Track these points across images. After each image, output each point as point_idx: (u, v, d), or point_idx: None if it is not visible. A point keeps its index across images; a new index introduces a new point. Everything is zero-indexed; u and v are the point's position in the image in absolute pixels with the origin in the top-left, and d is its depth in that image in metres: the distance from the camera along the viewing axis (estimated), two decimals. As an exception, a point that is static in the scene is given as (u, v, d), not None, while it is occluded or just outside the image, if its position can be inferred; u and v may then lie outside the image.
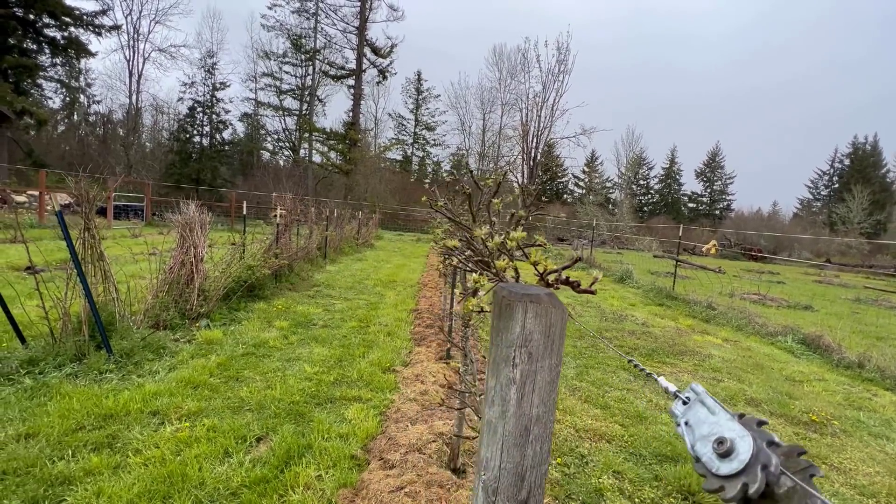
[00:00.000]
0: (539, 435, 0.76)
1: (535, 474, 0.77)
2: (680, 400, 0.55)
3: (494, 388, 0.78)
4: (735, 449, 0.39)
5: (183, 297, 5.18)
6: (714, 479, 0.40)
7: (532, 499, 0.77)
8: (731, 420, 0.45)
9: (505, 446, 0.76)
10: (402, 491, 2.14)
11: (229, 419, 2.99)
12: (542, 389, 0.76)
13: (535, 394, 0.75)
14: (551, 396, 0.77)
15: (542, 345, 0.75)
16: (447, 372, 3.96)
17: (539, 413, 0.76)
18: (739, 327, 7.75)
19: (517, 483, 0.76)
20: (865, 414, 4.32)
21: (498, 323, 0.78)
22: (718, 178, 71.36)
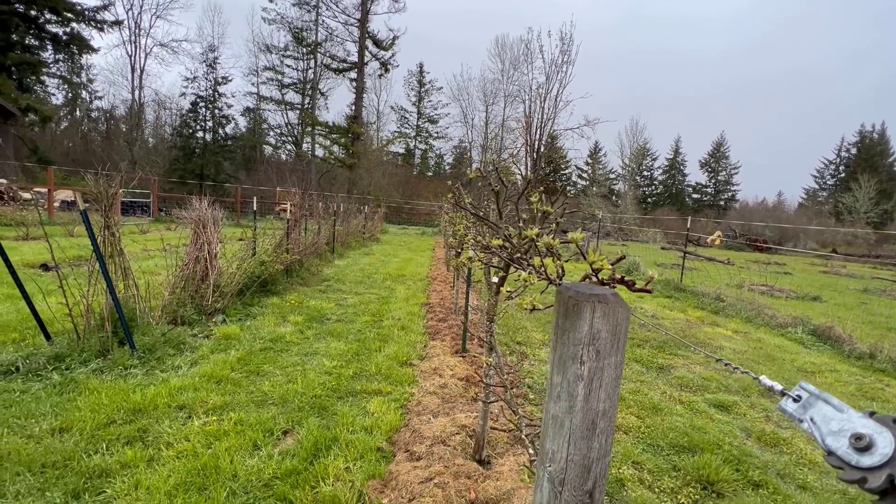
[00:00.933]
0: (605, 428, 0.80)
1: (600, 466, 0.81)
2: (789, 398, 0.58)
3: (561, 385, 0.81)
4: (875, 444, 0.42)
5: (199, 293, 5.24)
6: (854, 471, 0.43)
7: (597, 489, 0.81)
8: (863, 417, 0.48)
9: (572, 439, 0.80)
10: (430, 482, 2.19)
11: (255, 413, 3.05)
12: (608, 385, 0.79)
13: (601, 389, 0.79)
14: (616, 392, 0.80)
15: (608, 343, 0.78)
16: (464, 365, 4.01)
17: (605, 408, 0.79)
18: (749, 319, 7.77)
19: (583, 475, 0.80)
20: (879, 404, 4.35)
21: (564, 322, 0.81)
22: (723, 168, 70.86)
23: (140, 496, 2.13)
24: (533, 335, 5.77)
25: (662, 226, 49.71)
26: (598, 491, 0.81)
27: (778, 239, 52.32)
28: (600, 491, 0.81)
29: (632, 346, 5.62)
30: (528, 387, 4.01)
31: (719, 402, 4.10)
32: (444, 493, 2.11)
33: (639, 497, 2.58)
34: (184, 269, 5.35)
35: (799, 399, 0.57)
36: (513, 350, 5.05)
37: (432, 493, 2.10)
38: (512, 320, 6.37)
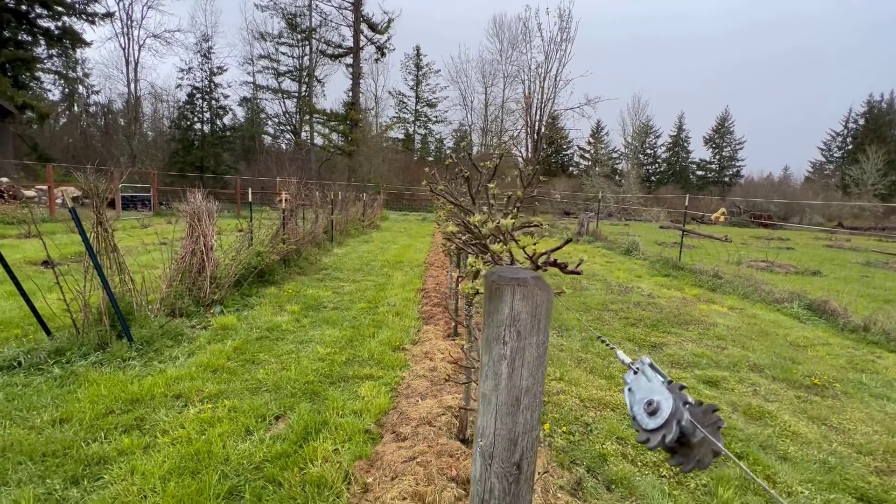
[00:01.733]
0: (529, 404, 0.84)
1: (527, 439, 0.85)
2: (632, 370, 0.62)
3: (488, 364, 0.86)
4: (660, 408, 0.46)
5: (196, 285, 5.32)
6: (643, 433, 0.48)
7: (524, 461, 0.86)
8: (661, 385, 0.52)
9: (498, 415, 0.85)
10: (413, 461, 2.27)
11: (248, 400, 3.14)
12: (531, 364, 0.83)
13: (524, 368, 0.83)
14: (539, 370, 0.84)
15: (528, 324, 0.82)
16: (455, 349, 4.08)
17: (528, 385, 0.84)
18: (746, 295, 7.79)
19: (510, 447, 0.85)
20: (868, 376, 4.39)
21: (489, 305, 0.85)
22: (728, 144, 69.86)
23: (136, 481, 2.23)
24: (527, 317, 5.83)
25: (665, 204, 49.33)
26: (526, 462, 0.86)
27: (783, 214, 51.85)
28: (528, 462, 0.86)
29: (625, 326, 5.68)
30: (519, 368, 4.08)
31: (708, 377, 4.16)
32: (425, 472, 2.19)
33: (620, 471, 2.66)
34: (180, 262, 5.43)
35: (637, 371, 0.61)
36: (506, 332, 5.12)
37: (414, 472, 2.18)
38: (507, 303, 6.43)
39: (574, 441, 2.95)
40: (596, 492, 2.48)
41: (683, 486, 2.61)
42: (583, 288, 7.91)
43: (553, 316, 5.89)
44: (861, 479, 2.72)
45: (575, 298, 7.00)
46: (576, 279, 8.72)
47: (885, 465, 2.91)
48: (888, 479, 2.76)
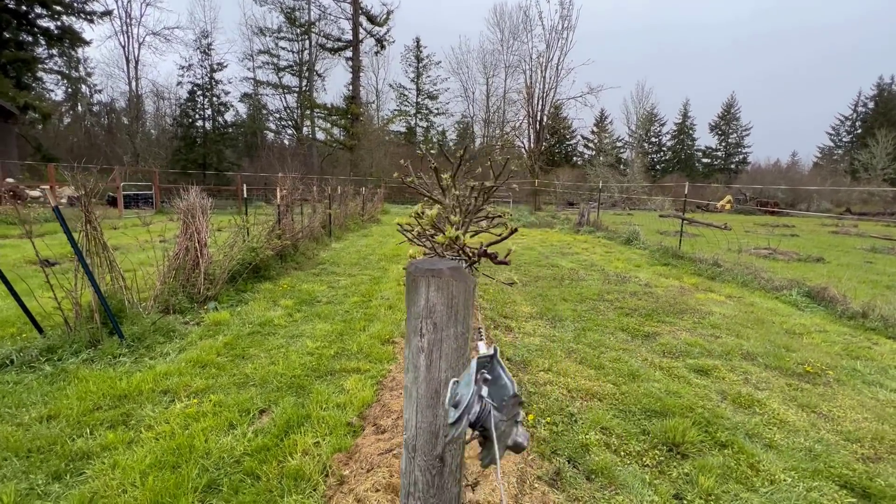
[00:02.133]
0: (449, 396, 0.83)
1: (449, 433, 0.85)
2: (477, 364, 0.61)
3: (408, 357, 0.85)
4: (461, 401, 0.45)
5: (189, 282, 5.36)
6: (447, 426, 0.47)
7: (448, 454, 0.85)
8: (470, 379, 0.51)
9: (419, 408, 0.84)
10: (390, 453, 2.28)
11: (234, 394, 3.17)
12: (449, 356, 0.82)
13: (442, 360, 0.82)
14: (459, 362, 0.83)
15: (445, 315, 0.80)
16: (443, 341, 4.08)
17: (447, 377, 0.83)
18: (745, 283, 7.71)
19: (432, 440, 0.84)
20: (862, 363, 4.34)
21: (408, 297, 0.84)
22: (734, 130, 68.96)
23: (116, 476, 2.26)
24: (521, 308, 5.82)
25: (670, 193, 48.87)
26: (450, 455, 0.86)
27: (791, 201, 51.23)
28: (452, 455, 0.86)
29: (620, 316, 5.65)
30: (508, 359, 4.08)
31: (700, 366, 4.14)
32: (400, 463, 2.19)
33: (602, 460, 2.66)
34: (174, 259, 5.46)
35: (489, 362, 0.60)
36: (498, 324, 5.11)
37: (389, 464, 2.19)
38: (501, 295, 6.43)
39: (557, 432, 2.95)
40: (575, 481, 2.48)
41: (665, 476, 2.61)
42: (580, 278, 7.88)
43: (548, 307, 5.89)
44: (846, 467, 2.70)
45: (571, 289, 6.97)
46: (574, 269, 8.68)
47: (872, 453, 2.89)
48: (874, 467, 2.74)
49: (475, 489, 2.00)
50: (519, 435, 0.45)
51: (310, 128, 40.51)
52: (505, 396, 0.50)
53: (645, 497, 2.40)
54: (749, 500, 2.40)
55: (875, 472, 2.67)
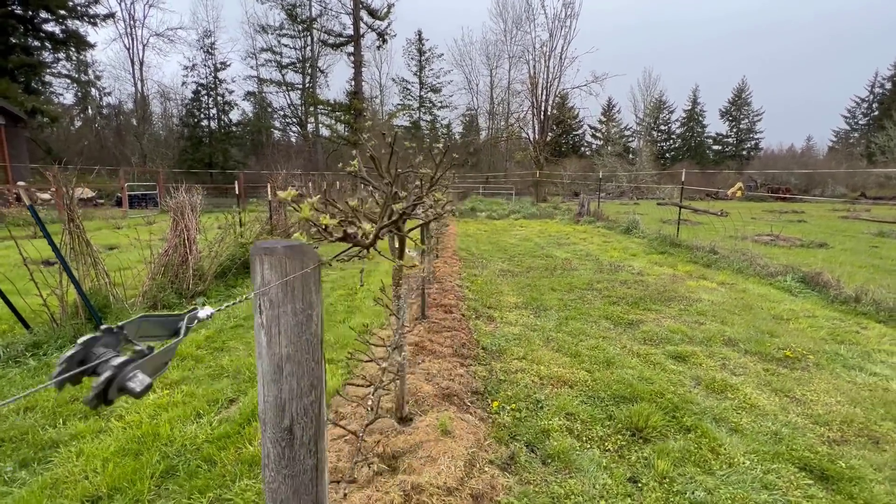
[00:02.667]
0: (293, 371, 0.86)
1: (297, 406, 0.88)
2: None
3: (255, 335, 0.88)
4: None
5: (178, 278, 5.46)
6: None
7: (297, 426, 0.88)
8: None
9: (265, 382, 0.87)
10: (342, 439, 2.33)
11: (206, 385, 3.24)
12: (290, 332, 0.85)
13: (281, 336, 0.84)
14: (301, 338, 0.86)
15: (280, 292, 0.83)
16: (420, 331, 4.12)
17: (289, 352, 0.85)
18: (740, 270, 7.61)
19: (279, 414, 0.87)
20: (846, 347, 4.28)
21: (252, 276, 0.86)
22: (745, 116, 67.62)
23: (79, 463, 2.34)
24: (507, 298, 5.82)
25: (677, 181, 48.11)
26: (299, 428, 0.88)
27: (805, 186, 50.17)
28: (302, 428, 0.89)
29: (606, 304, 5.62)
30: (483, 348, 4.10)
31: (678, 353, 4.12)
32: (349, 448, 2.24)
33: (561, 445, 2.67)
34: (163, 256, 5.57)
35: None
36: (480, 314, 5.13)
37: (338, 448, 2.23)
38: (489, 286, 6.43)
39: (520, 418, 2.97)
40: (530, 465, 2.50)
41: (624, 460, 2.61)
42: (572, 268, 7.84)
43: (534, 297, 5.88)
44: (809, 450, 2.68)
45: (561, 279, 6.95)
46: (567, 260, 8.65)
47: (839, 435, 2.86)
48: (838, 449, 2.72)
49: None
50: (132, 382, 0.50)
51: (314, 124, 40.66)
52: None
53: (599, 480, 2.41)
54: (704, 482, 2.41)
55: (838, 455, 2.65)
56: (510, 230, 13.52)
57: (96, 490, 2.15)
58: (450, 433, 2.46)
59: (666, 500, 2.28)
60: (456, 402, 2.88)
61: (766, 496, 2.31)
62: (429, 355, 3.57)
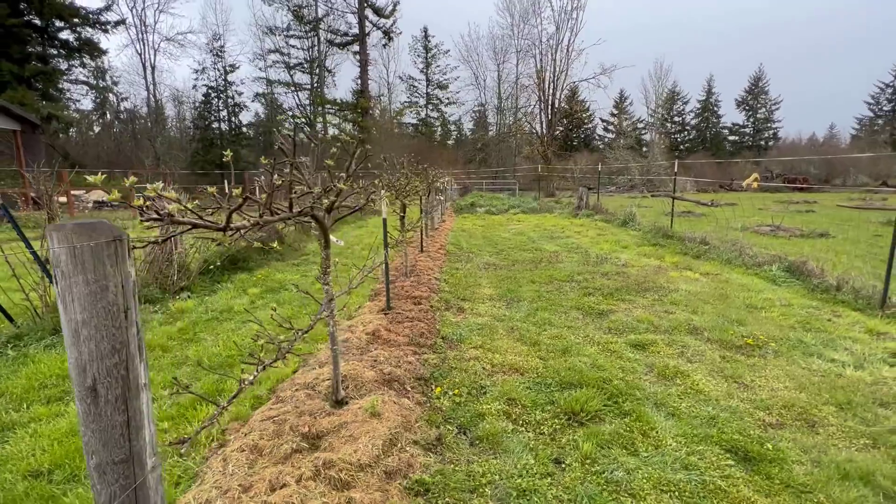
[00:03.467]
0: (90, 335, 0.96)
1: (98, 367, 0.98)
2: None
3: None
4: None
5: (162, 273, 5.67)
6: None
7: (100, 386, 0.98)
8: None
9: (66, 345, 0.97)
10: (271, 420, 2.45)
11: (167, 372, 3.40)
12: (83, 300, 0.95)
13: (75, 303, 0.95)
14: (97, 305, 0.96)
15: (71, 264, 0.93)
16: (380, 322, 4.22)
17: (85, 318, 0.95)
18: (729, 260, 7.52)
19: (82, 374, 0.97)
20: (812, 335, 4.23)
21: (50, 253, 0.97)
22: (762, 105, 65.97)
23: (30, 442, 2.51)
24: (483, 291, 5.88)
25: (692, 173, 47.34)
26: (102, 388, 0.99)
27: (825, 176, 48.71)
28: (105, 388, 0.99)
29: (581, 296, 5.64)
30: (443, 338, 4.18)
31: (639, 341, 4.13)
32: (276, 428, 2.36)
33: (493, 428, 2.74)
34: (148, 253, 5.79)
35: None
36: (451, 306, 5.21)
37: (264, 428, 2.35)
38: (468, 278, 6.50)
39: (460, 402, 3.05)
40: (457, 447, 2.58)
41: (555, 442, 2.67)
42: (558, 261, 7.85)
43: (511, 289, 5.94)
44: (740, 433, 2.70)
45: (544, 271, 6.97)
46: (556, 253, 8.65)
47: (777, 420, 2.87)
48: (772, 432, 2.73)
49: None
50: None
51: (322, 124, 41.09)
52: None
53: (522, 460, 2.47)
54: (626, 463, 2.45)
55: (769, 438, 2.66)
56: (506, 225, 13.53)
57: (39, 466, 2.30)
58: (378, 415, 2.56)
59: (583, 479, 2.34)
60: (396, 388, 2.98)
61: (682, 475, 2.35)
62: (383, 344, 3.67)
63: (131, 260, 1.05)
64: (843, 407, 2.98)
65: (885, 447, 2.56)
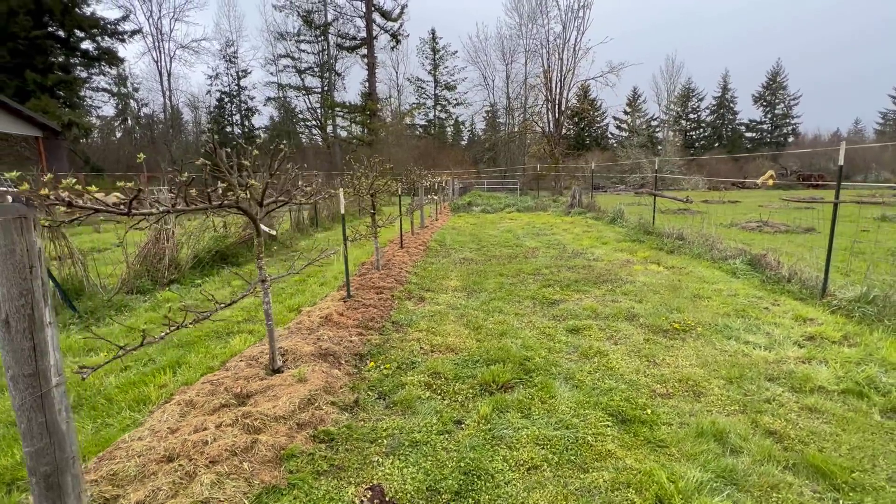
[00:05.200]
0: (2, 282, 1.38)
1: (9, 306, 1.39)
2: None
3: (-18, 261, 1.40)
4: None
5: (154, 267, 6.20)
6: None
7: (11, 319, 1.40)
8: None
9: (-14, 291, 1.39)
10: (209, 383, 2.87)
11: (142, 350, 3.86)
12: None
13: (-10, 261, 1.37)
14: (6, 262, 1.37)
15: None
16: (336, 308, 4.63)
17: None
18: (699, 255, 7.73)
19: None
20: (742, 321, 4.49)
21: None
22: (780, 100, 64.63)
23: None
24: (449, 283, 6.24)
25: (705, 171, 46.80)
26: (13, 320, 1.40)
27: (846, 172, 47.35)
28: (16, 321, 1.41)
29: (540, 287, 5.95)
30: (393, 322, 4.57)
31: (576, 326, 4.45)
32: (212, 388, 2.78)
33: (410, 395, 3.11)
34: (143, 248, 6.33)
35: None
36: (413, 296, 5.58)
37: (201, 389, 2.78)
38: (437, 272, 6.87)
39: (388, 374, 3.43)
40: (372, 408, 2.96)
41: (463, 407, 3.03)
42: (533, 256, 8.16)
43: (476, 282, 6.29)
44: (628, 401, 3.01)
45: (515, 265, 7.30)
46: (534, 249, 8.95)
47: (668, 391, 3.18)
48: (658, 401, 3.04)
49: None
50: None
51: (332, 127, 41.92)
52: None
53: (426, 420, 2.84)
54: (515, 423, 2.80)
55: (652, 405, 2.97)
56: (498, 223, 13.85)
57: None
58: (304, 380, 2.96)
59: (474, 435, 2.70)
60: (330, 361, 3.38)
61: (559, 433, 2.69)
62: (332, 326, 4.08)
63: (37, 231, 1.47)
64: (733, 381, 3.27)
65: (750, 412, 2.85)
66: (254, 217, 2.93)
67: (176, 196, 2.22)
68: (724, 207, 17.39)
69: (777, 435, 2.62)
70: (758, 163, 51.73)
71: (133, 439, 2.30)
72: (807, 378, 3.26)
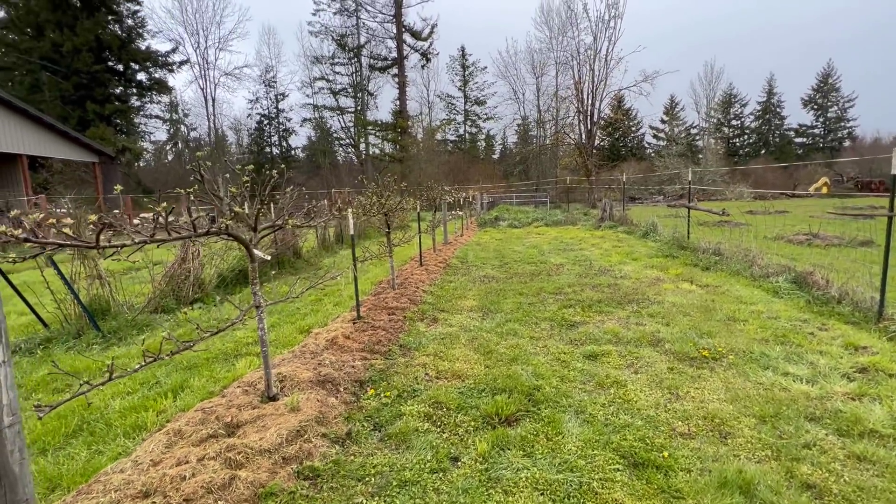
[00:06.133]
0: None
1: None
2: None
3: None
4: None
5: (179, 287, 6.39)
6: None
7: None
8: None
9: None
10: (201, 410, 2.83)
11: (152, 370, 3.93)
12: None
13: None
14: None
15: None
16: (346, 330, 4.55)
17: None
18: (737, 271, 7.19)
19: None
20: (781, 348, 4.06)
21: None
22: (833, 103, 61.04)
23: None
24: (465, 303, 6.07)
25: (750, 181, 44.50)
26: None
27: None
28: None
29: (560, 307, 5.68)
30: (401, 345, 4.44)
31: (594, 352, 4.17)
32: (203, 417, 2.74)
33: (407, 427, 2.95)
34: (169, 269, 6.55)
35: None
36: (426, 317, 5.45)
37: (192, 417, 2.74)
38: (455, 291, 6.71)
39: (387, 404, 3.29)
40: (366, 441, 2.83)
41: (462, 442, 2.84)
42: (557, 273, 7.86)
43: (493, 301, 6.10)
44: (642, 441, 2.73)
45: (537, 284, 7.04)
46: (559, 265, 8.64)
47: (687, 430, 2.86)
48: (678, 441, 2.74)
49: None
50: None
51: (365, 145, 43.01)
52: None
53: (421, 456, 2.68)
54: (516, 463, 2.59)
55: (670, 446, 2.68)
56: (524, 238, 13.54)
57: None
58: (297, 410, 2.87)
59: (469, 476, 2.50)
60: (328, 388, 3.28)
61: (563, 477, 2.45)
62: (336, 350, 4.00)
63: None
64: (767, 420, 2.91)
65: (785, 459, 2.50)
66: (246, 243, 2.91)
67: (155, 225, 2.20)
68: (769, 218, 16.30)
69: (816, 489, 2.28)
70: (810, 170, 48.70)
71: (115, 471, 2.27)
72: (856, 419, 2.86)
